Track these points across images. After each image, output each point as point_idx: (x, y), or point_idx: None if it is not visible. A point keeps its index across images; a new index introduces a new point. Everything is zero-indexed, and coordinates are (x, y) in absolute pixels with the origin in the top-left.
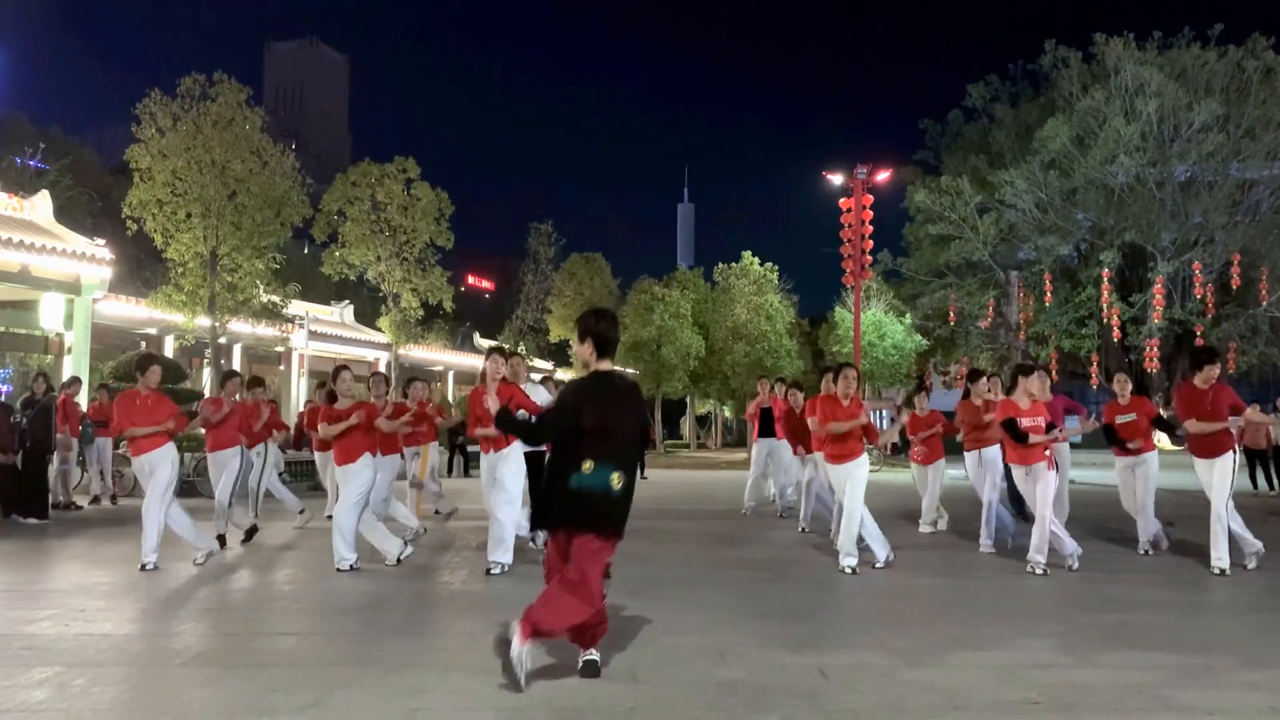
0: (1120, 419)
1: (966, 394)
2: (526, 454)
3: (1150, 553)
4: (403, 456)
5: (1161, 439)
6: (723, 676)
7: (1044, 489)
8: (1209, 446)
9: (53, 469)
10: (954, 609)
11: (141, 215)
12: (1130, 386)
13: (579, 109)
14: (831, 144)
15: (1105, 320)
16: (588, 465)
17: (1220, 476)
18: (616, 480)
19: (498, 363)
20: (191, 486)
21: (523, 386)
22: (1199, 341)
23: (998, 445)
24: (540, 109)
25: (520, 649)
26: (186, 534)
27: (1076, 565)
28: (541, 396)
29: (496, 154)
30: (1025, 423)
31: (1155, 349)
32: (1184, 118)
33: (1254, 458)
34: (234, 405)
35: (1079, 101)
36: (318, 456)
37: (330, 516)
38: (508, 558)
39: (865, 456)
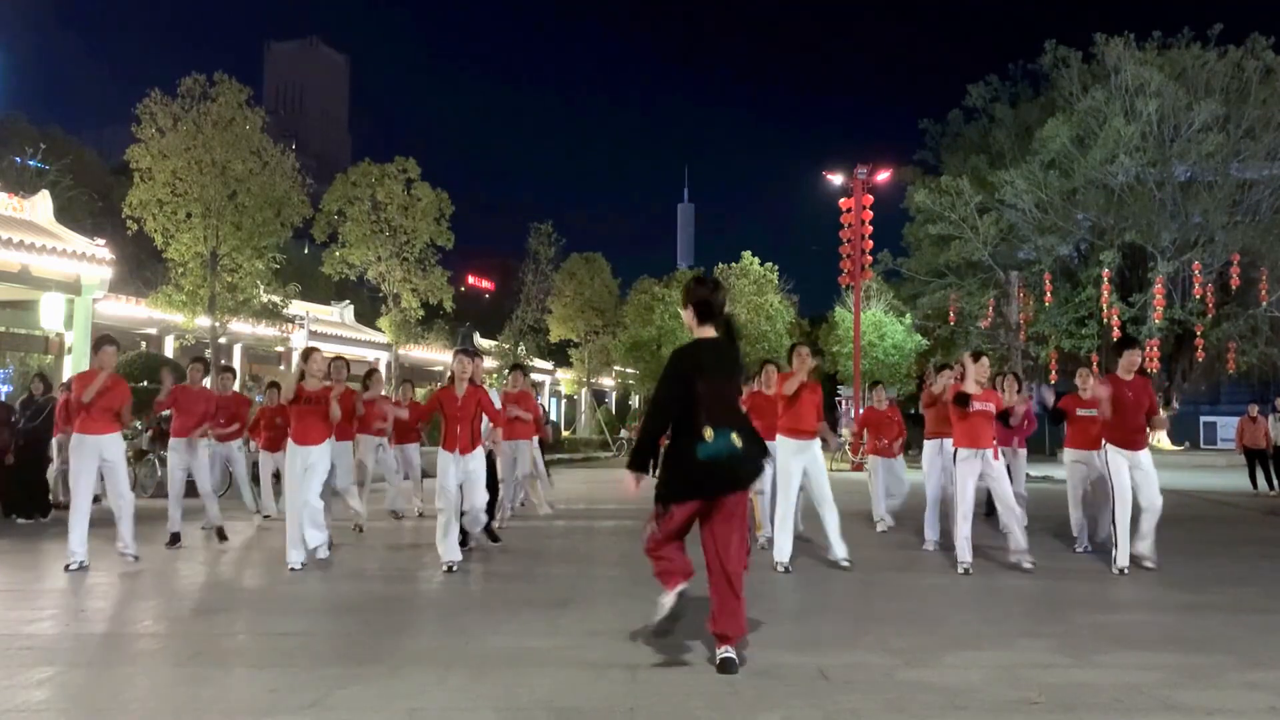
0: (1081, 412)
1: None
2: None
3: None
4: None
5: (1161, 438)
6: (723, 676)
7: (1000, 483)
8: (1140, 439)
9: (52, 469)
10: (954, 609)
11: (141, 215)
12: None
13: (579, 109)
14: (831, 144)
15: (1105, 320)
16: (709, 433)
17: (1151, 468)
18: (737, 439)
19: (464, 364)
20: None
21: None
22: (1199, 341)
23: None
24: (540, 109)
25: (729, 653)
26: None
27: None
28: (495, 397)
29: (496, 154)
30: (976, 406)
31: (1155, 349)
32: (1184, 118)
33: (1254, 458)
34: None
35: (1079, 101)
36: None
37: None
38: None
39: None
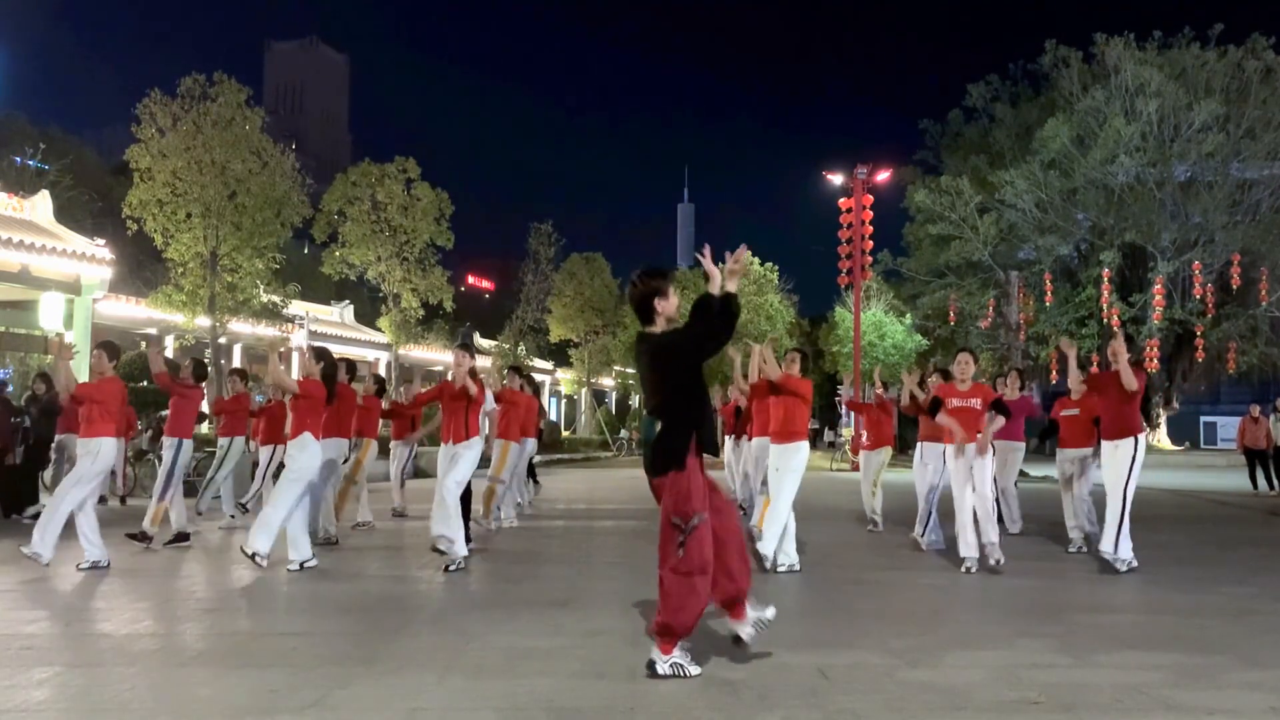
0: (1065, 413)
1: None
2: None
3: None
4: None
5: (1162, 438)
6: (723, 676)
7: (980, 474)
8: (1115, 427)
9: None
10: (954, 609)
11: (141, 215)
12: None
13: (579, 109)
14: (831, 144)
15: (1105, 320)
16: (643, 416)
17: (1123, 459)
18: (657, 426)
19: (459, 356)
20: (191, 486)
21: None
22: (1199, 341)
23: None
24: (540, 109)
25: (666, 660)
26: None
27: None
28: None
29: (496, 154)
30: (956, 403)
31: (1155, 349)
32: (1184, 118)
33: (1254, 458)
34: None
35: (1079, 101)
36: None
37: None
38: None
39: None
